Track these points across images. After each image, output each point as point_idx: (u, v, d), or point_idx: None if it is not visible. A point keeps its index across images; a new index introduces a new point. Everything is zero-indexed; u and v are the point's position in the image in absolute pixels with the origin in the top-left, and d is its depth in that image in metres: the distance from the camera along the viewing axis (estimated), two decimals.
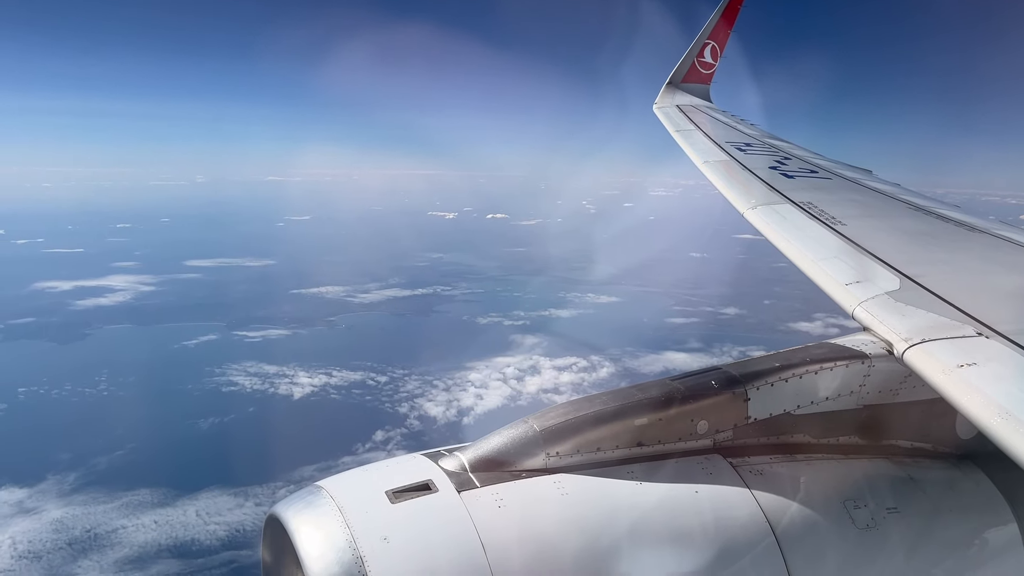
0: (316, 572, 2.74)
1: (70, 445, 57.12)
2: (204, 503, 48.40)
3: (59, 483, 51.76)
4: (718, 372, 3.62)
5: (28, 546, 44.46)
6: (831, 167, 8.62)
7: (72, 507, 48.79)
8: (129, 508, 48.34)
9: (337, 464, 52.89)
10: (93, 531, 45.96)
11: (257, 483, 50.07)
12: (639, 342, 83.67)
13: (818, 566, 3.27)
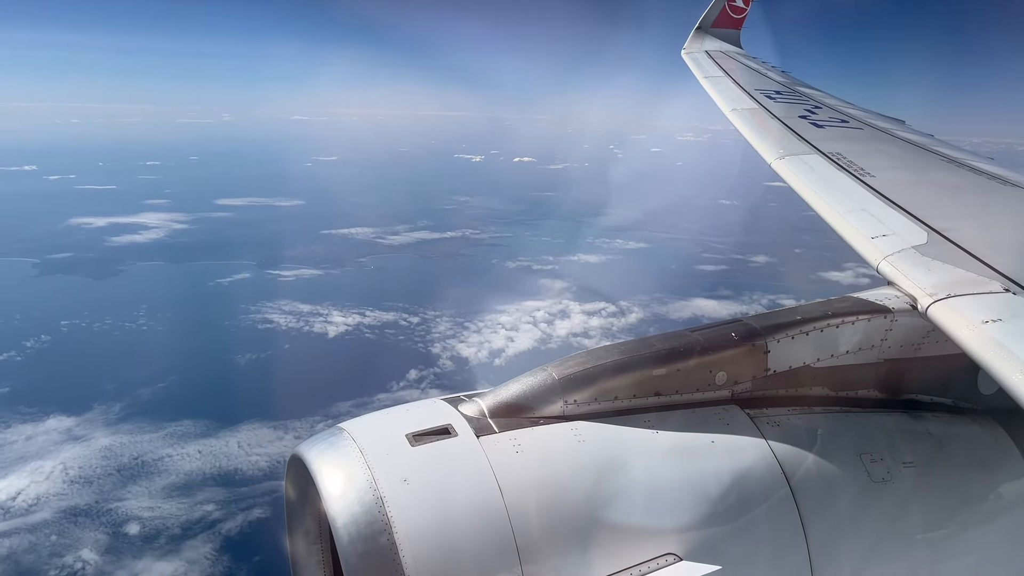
0: (337, 511, 2.79)
1: (114, 376, 58.83)
2: (245, 435, 49.87)
3: (105, 412, 53.48)
4: (739, 324, 3.62)
5: (79, 471, 46.21)
6: (862, 117, 8.47)
7: (119, 435, 50.51)
8: (173, 438, 49.95)
9: (372, 401, 54.19)
10: (140, 459, 47.64)
11: (295, 417, 51.37)
12: (668, 288, 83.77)
13: (832, 518, 3.27)
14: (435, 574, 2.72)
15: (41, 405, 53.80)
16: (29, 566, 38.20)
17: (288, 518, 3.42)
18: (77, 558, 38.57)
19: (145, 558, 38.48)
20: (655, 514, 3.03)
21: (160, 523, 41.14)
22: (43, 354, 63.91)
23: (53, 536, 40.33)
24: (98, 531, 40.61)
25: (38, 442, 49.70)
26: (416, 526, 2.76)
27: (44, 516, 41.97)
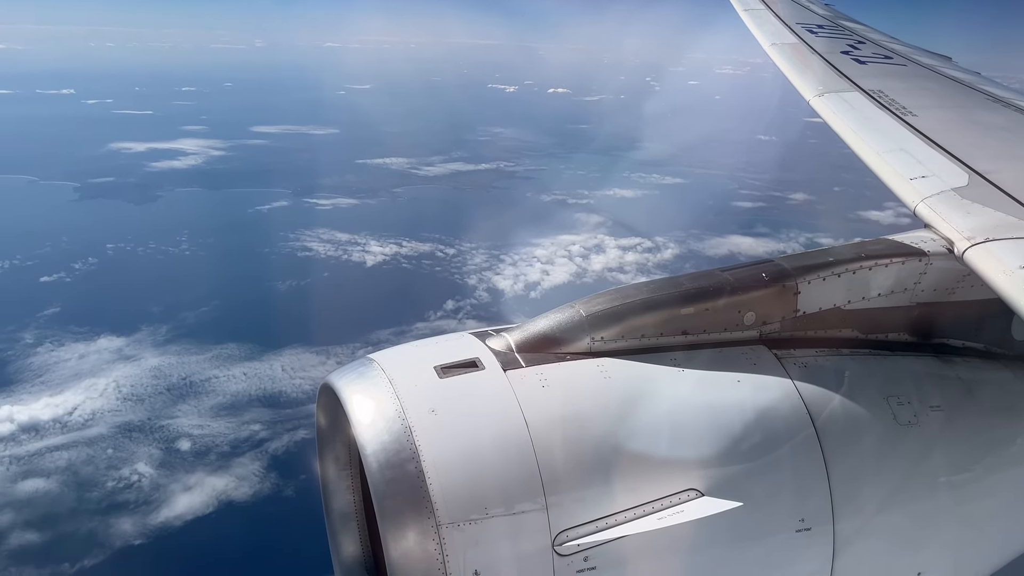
0: (367, 439, 2.85)
1: (159, 299, 60.43)
2: (288, 359, 51.26)
3: (153, 334, 55.16)
4: (769, 264, 3.59)
5: (131, 389, 48.04)
6: (907, 53, 8.19)
7: (167, 356, 52.20)
8: (219, 360, 51.50)
9: (411, 330, 55.24)
10: (188, 379, 49.31)
11: (337, 343, 52.55)
12: (704, 225, 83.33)
13: (856, 459, 3.27)
14: (461, 502, 2.78)
15: (91, 325, 55.60)
16: (88, 477, 40.17)
17: (319, 444, 3.52)
18: (133, 471, 40.45)
19: (197, 473, 40.24)
20: (678, 450, 3.06)
21: (209, 441, 42.86)
22: (91, 276, 65.72)
23: (109, 450, 42.26)
24: (151, 446, 42.46)
25: (91, 360, 51.57)
26: (443, 455, 2.82)
27: (100, 431, 43.89)
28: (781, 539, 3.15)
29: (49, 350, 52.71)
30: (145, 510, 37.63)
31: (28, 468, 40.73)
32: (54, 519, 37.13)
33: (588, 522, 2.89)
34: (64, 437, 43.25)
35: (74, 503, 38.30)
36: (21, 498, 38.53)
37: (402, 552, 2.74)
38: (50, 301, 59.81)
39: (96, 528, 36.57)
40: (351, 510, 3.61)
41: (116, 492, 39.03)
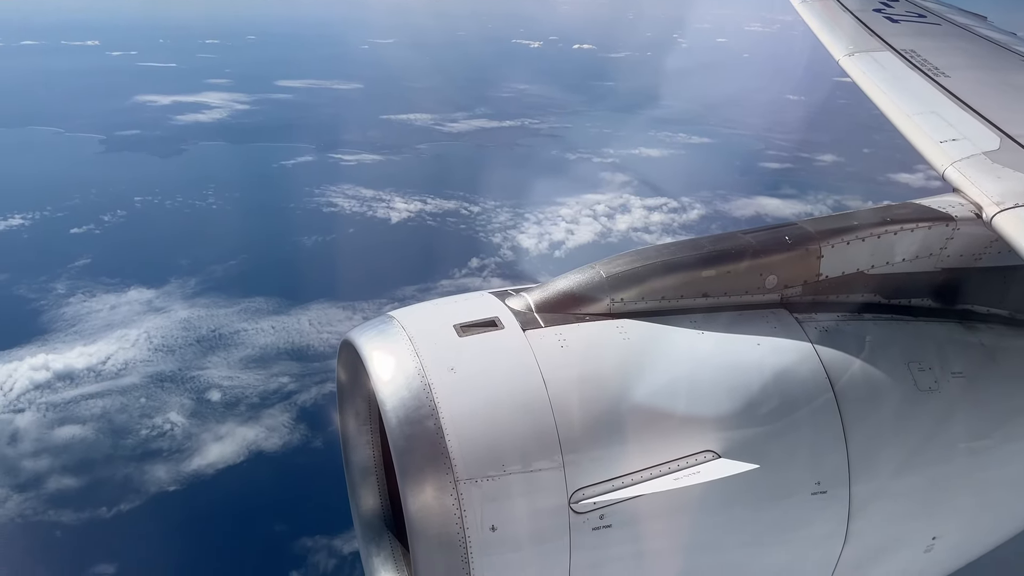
0: (387, 395, 2.90)
1: (187, 252, 61.09)
2: (315, 313, 51.81)
3: (182, 286, 55.87)
4: (793, 227, 3.56)
5: (162, 340, 48.87)
6: (941, 12, 7.96)
7: (196, 309, 52.91)
8: (247, 313, 52.14)
9: (436, 287, 55.50)
10: (217, 331, 50.04)
11: (362, 299, 52.98)
12: (731, 186, 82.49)
13: (874, 424, 3.27)
14: (478, 459, 2.82)
15: (122, 277, 56.43)
16: (122, 425, 41.17)
17: (339, 399, 3.59)
18: (165, 420, 41.37)
19: (227, 423, 41.08)
20: (695, 412, 3.08)
21: (239, 392, 43.64)
22: (120, 228, 66.47)
23: (142, 399, 43.19)
24: (183, 396, 43.31)
25: (122, 312, 52.42)
26: (462, 413, 2.85)
27: (132, 380, 44.81)
28: (796, 501, 3.16)
29: (81, 300, 53.63)
30: (178, 458, 38.59)
31: (64, 415, 41.77)
32: (90, 465, 38.19)
33: (604, 481, 2.92)
34: (98, 386, 44.21)
35: (109, 450, 39.35)
36: (58, 444, 39.62)
37: (420, 506, 2.78)
38: (81, 252, 60.67)
39: (131, 474, 37.61)
40: (370, 464, 3.67)
41: (150, 440, 40.00)
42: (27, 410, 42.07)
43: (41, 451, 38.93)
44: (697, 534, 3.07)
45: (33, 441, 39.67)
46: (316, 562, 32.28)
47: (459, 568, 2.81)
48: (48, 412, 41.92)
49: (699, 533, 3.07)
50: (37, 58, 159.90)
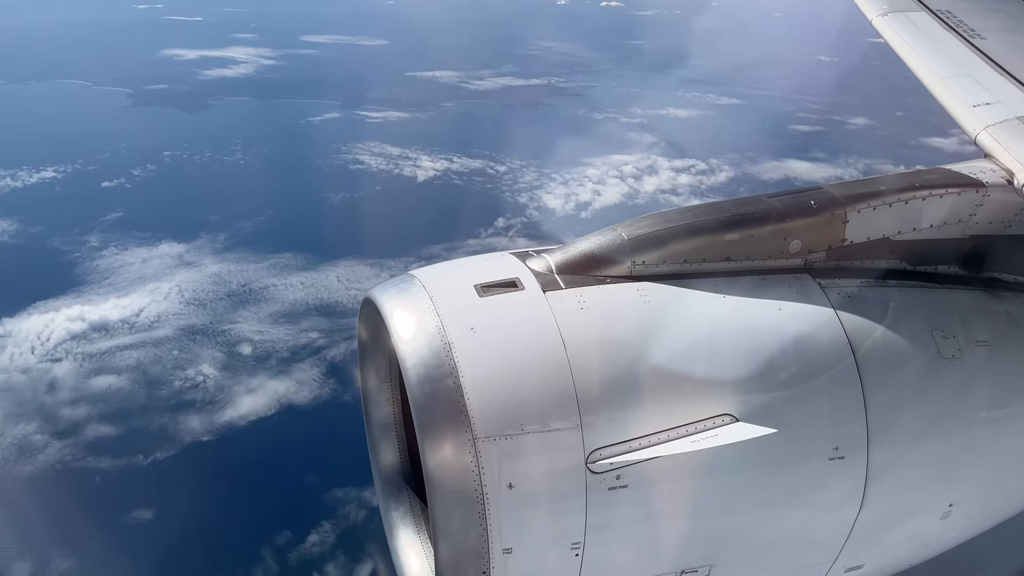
0: (407, 354, 2.93)
1: (216, 207, 61.61)
2: (343, 270, 52.25)
3: (212, 241, 56.48)
4: (819, 192, 3.51)
5: (193, 294, 49.63)
6: None
7: (226, 263, 53.56)
8: (276, 269, 52.72)
9: (462, 246, 55.65)
10: (247, 286, 50.69)
11: (390, 257, 53.31)
12: (760, 148, 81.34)
13: (895, 391, 3.26)
14: (497, 418, 2.85)
15: (153, 231, 57.16)
16: (156, 376, 42.09)
17: (360, 356, 3.65)
18: (198, 372, 42.22)
19: (258, 376, 41.84)
20: (714, 375, 3.08)
21: (270, 346, 44.37)
22: (150, 182, 67.10)
23: (175, 351, 44.05)
24: (215, 349, 44.11)
25: (154, 265, 53.20)
26: (481, 372, 2.88)
27: (165, 333, 45.66)
28: (813, 466, 3.16)
29: (114, 254, 54.46)
30: (211, 409, 39.44)
31: (100, 365, 42.76)
32: (126, 414, 39.18)
33: (622, 442, 2.94)
34: (132, 337, 45.12)
35: (144, 400, 40.31)
36: (95, 393, 40.61)
37: (439, 463, 2.82)
38: (112, 206, 61.44)
39: (166, 424, 38.55)
40: (391, 421, 3.74)
41: (183, 391, 40.88)
42: (64, 360, 43.12)
43: (79, 400, 39.95)
44: (712, 496, 3.10)
45: (71, 390, 40.71)
46: (346, 513, 33.08)
47: (476, 524, 2.86)
48: (84, 362, 42.92)
49: (714, 495, 3.10)
50: (63, 11, 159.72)
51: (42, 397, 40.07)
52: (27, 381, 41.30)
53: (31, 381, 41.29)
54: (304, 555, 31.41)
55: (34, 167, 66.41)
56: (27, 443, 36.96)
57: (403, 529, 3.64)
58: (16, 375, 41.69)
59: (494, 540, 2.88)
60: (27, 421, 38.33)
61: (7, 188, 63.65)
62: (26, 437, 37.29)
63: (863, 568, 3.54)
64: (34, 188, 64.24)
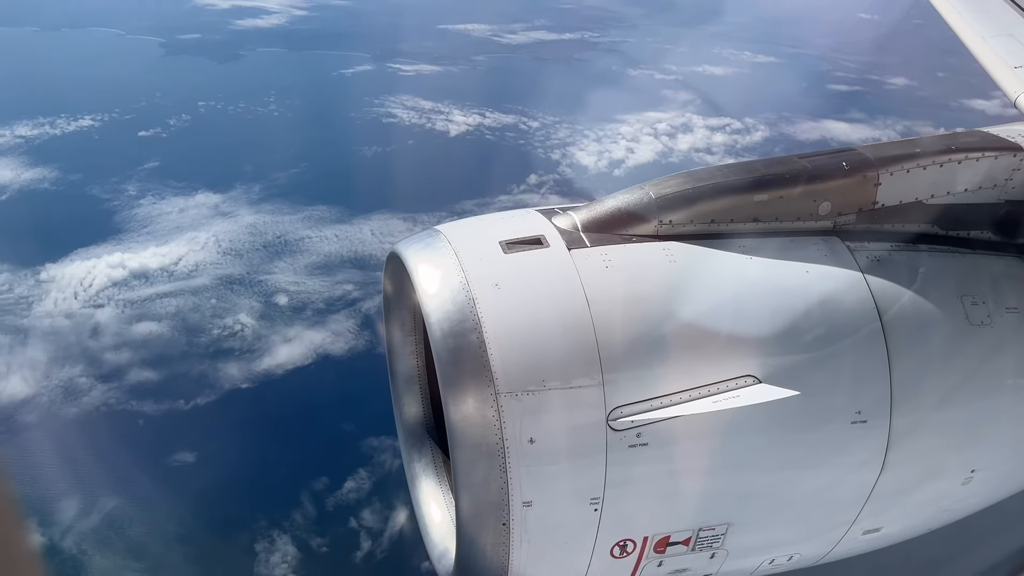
0: (432, 308, 2.98)
1: (251, 159, 61.89)
2: (377, 224, 52.53)
3: (247, 192, 56.89)
4: (851, 153, 3.48)
5: (230, 244, 50.23)
6: None
7: (261, 215, 54.01)
8: (311, 221, 53.11)
9: (495, 202, 55.59)
10: (283, 237, 51.21)
11: (422, 211, 53.40)
12: (796, 107, 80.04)
13: (921, 357, 3.24)
14: (519, 373, 2.88)
15: (189, 180, 57.65)
16: (195, 324, 42.95)
17: (385, 309, 3.73)
18: (235, 321, 42.98)
19: (295, 326, 42.53)
20: (738, 336, 3.07)
21: (306, 297, 44.97)
22: (185, 132, 67.36)
23: (213, 300, 44.81)
24: (252, 299, 44.82)
25: (190, 215, 53.82)
26: (504, 328, 2.91)
27: (203, 281, 46.40)
28: (835, 430, 3.16)
29: (152, 203, 55.11)
30: (249, 357, 40.24)
31: (141, 312, 43.66)
32: (168, 360, 40.10)
33: (643, 400, 2.96)
34: (171, 285, 45.92)
35: (184, 347, 41.19)
36: (137, 339, 41.57)
37: (461, 416, 2.87)
38: (149, 155, 61.92)
39: (206, 371, 39.43)
40: (414, 374, 3.84)
41: (222, 339, 41.70)
42: (106, 306, 44.03)
43: (121, 345, 40.92)
44: (732, 457, 3.11)
45: (113, 335, 41.69)
46: (382, 461, 33.84)
47: (497, 477, 2.89)
48: (126, 308, 43.84)
49: (734, 456, 3.11)
50: None
51: (86, 341, 41.10)
52: (71, 326, 42.33)
53: (75, 326, 42.32)
54: (341, 501, 32.28)
55: (72, 115, 66.95)
56: (73, 385, 38.04)
57: (425, 480, 3.73)
58: (60, 319, 42.72)
59: (514, 493, 2.92)
60: (72, 364, 39.40)
61: (46, 135, 64.26)
62: (71, 380, 38.37)
63: (881, 531, 3.56)
64: (73, 136, 64.80)
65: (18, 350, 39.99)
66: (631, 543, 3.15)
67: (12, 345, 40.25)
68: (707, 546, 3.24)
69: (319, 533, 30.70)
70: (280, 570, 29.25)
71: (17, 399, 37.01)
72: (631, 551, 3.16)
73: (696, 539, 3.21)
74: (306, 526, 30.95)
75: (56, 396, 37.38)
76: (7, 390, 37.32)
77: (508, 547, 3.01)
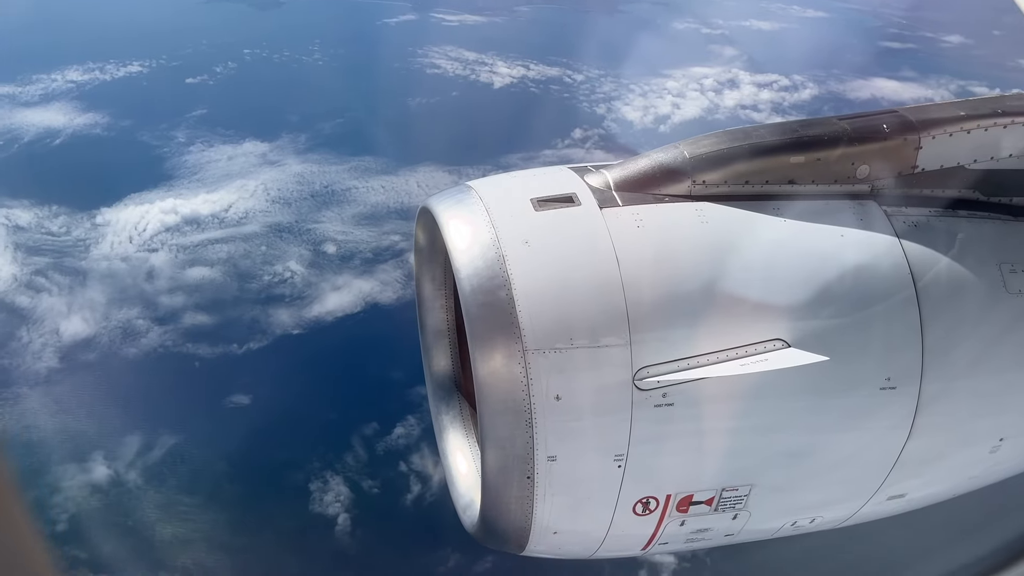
0: (462, 264, 3.00)
1: (296, 108, 62.24)
2: (423, 176, 52.72)
3: (293, 141, 57.28)
4: (893, 115, 3.41)
5: (278, 192, 50.85)
6: None
7: (308, 164, 54.46)
8: (357, 172, 53.44)
9: (538, 156, 55.47)
10: (330, 187, 51.67)
11: (467, 164, 53.46)
12: (846, 65, 78.29)
13: (955, 324, 3.20)
14: (547, 331, 2.90)
15: (236, 128, 58.11)
16: (246, 270, 43.82)
17: (416, 263, 3.81)
18: (285, 268, 43.75)
19: (344, 275, 43.20)
20: (769, 300, 3.04)
21: (353, 246, 45.57)
22: (231, 80, 67.75)
23: (263, 247, 45.60)
24: (301, 247, 45.53)
25: (239, 163, 54.44)
26: (534, 285, 2.93)
27: (253, 229, 47.17)
28: (863, 395, 3.15)
29: (200, 150, 55.78)
30: (299, 304, 41.04)
31: (194, 257, 44.63)
32: (220, 305, 41.07)
33: (670, 361, 2.97)
34: (222, 232, 46.77)
35: (236, 292, 42.12)
36: (190, 283, 42.59)
37: (489, 372, 2.91)
38: (196, 102, 62.43)
39: (258, 316, 40.36)
40: (444, 328, 3.93)
41: (272, 285, 42.55)
42: (160, 250, 45.04)
43: (175, 289, 41.95)
44: (757, 420, 3.12)
45: (168, 279, 42.72)
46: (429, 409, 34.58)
47: (522, 432, 2.93)
48: (179, 253, 44.80)
49: (760, 419, 3.12)
50: None
51: (142, 284, 42.19)
52: (127, 269, 43.44)
53: (131, 269, 43.42)
54: (391, 446, 33.13)
55: (121, 61, 67.60)
56: (131, 327, 39.20)
57: (452, 432, 3.82)
58: (117, 262, 43.85)
59: (539, 448, 2.95)
60: (129, 306, 40.55)
61: (97, 81, 65.03)
62: (129, 321, 39.53)
63: (906, 497, 3.55)
64: (122, 82, 65.50)
65: (78, 291, 41.22)
66: (654, 500, 3.17)
67: (72, 286, 41.48)
68: (730, 507, 3.26)
69: (370, 476, 31.67)
70: (333, 509, 30.24)
71: (79, 338, 38.27)
72: (654, 509, 3.19)
73: (719, 499, 3.23)
74: (357, 468, 31.92)
75: (116, 337, 38.58)
76: (69, 329, 38.59)
77: (532, 500, 3.05)
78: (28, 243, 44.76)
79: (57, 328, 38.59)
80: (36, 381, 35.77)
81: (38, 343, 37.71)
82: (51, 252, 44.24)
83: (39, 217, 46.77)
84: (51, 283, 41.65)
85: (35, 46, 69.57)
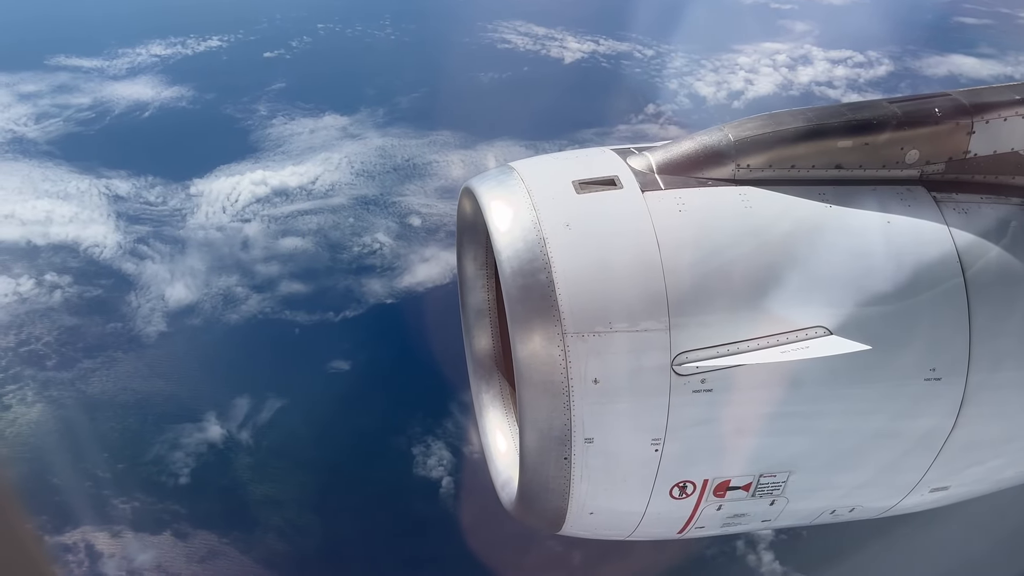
0: (503, 246, 2.99)
1: (372, 82, 63.04)
2: (500, 150, 53.19)
3: (372, 115, 58.21)
4: (945, 98, 3.31)
5: (361, 166, 51.90)
6: None
7: (388, 138, 55.39)
8: (436, 146, 54.25)
9: (612, 131, 55.64)
10: (411, 161, 52.58)
11: (543, 139, 53.89)
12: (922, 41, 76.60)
13: (1004, 315, 3.11)
14: (587, 314, 2.90)
15: (316, 102, 59.27)
16: (336, 241, 45.05)
17: (458, 242, 3.84)
18: (374, 239, 44.86)
19: (430, 247, 44.23)
20: (812, 287, 2.98)
21: (437, 219, 46.46)
22: (308, 54, 68.84)
23: (351, 219, 46.75)
24: (387, 219, 46.57)
25: (321, 136, 55.58)
26: (573, 269, 2.92)
27: (340, 201, 48.35)
28: (907, 386, 3.09)
29: (283, 123, 57.03)
30: (390, 275, 42.14)
31: (285, 228, 45.97)
32: (314, 274, 42.36)
33: (710, 347, 2.94)
34: (310, 203, 48.02)
35: (328, 262, 43.37)
36: (283, 253, 43.93)
37: (528, 353, 2.92)
38: (275, 76, 63.67)
39: (351, 286, 41.55)
40: (485, 307, 4.00)
41: (363, 256, 43.69)
42: (252, 221, 46.46)
43: (270, 258, 43.36)
44: (798, 407, 3.07)
45: (262, 249, 44.14)
46: None
47: (561, 414, 2.95)
48: (271, 224, 46.17)
49: (800, 406, 3.07)
50: None
51: (238, 253, 43.67)
52: (223, 238, 44.98)
53: (227, 238, 44.95)
54: None
55: (201, 35, 69.06)
56: (231, 294, 40.72)
57: (492, 411, 3.89)
58: (213, 232, 45.42)
59: (577, 430, 2.97)
60: (228, 274, 42.07)
61: (179, 55, 66.66)
62: (229, 289, 41.06)
63: (949, 490, 3.50)
64: (203, 56, 67.00)
65: (179, 259, 42.84)
66: (691, 485, 3.17)
67: (173, 254, 43.11)
68: (767, 492, 3.25)
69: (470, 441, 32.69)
70: (437, 472, 31.37)
71: (184, 304, 39.87)
72: (691, 493, 3.19)
73: (757, 485, 3.21)
74: (457, 434, 32.97)
75: (218, 303, 40.10)
76: (174, 295, 40.21)
77: (569, 481, 3.07)
78: (129, 212, 46.58)
79: (163, 294, 40.26)
80: (148, 343, 37.46)
81: (146, 308, 39.42)
82: (151, 221, 46.01)
83: (136, 187, 48.57)
84: (153, 251, 43.40)
85: (118, 20, 71.46)
